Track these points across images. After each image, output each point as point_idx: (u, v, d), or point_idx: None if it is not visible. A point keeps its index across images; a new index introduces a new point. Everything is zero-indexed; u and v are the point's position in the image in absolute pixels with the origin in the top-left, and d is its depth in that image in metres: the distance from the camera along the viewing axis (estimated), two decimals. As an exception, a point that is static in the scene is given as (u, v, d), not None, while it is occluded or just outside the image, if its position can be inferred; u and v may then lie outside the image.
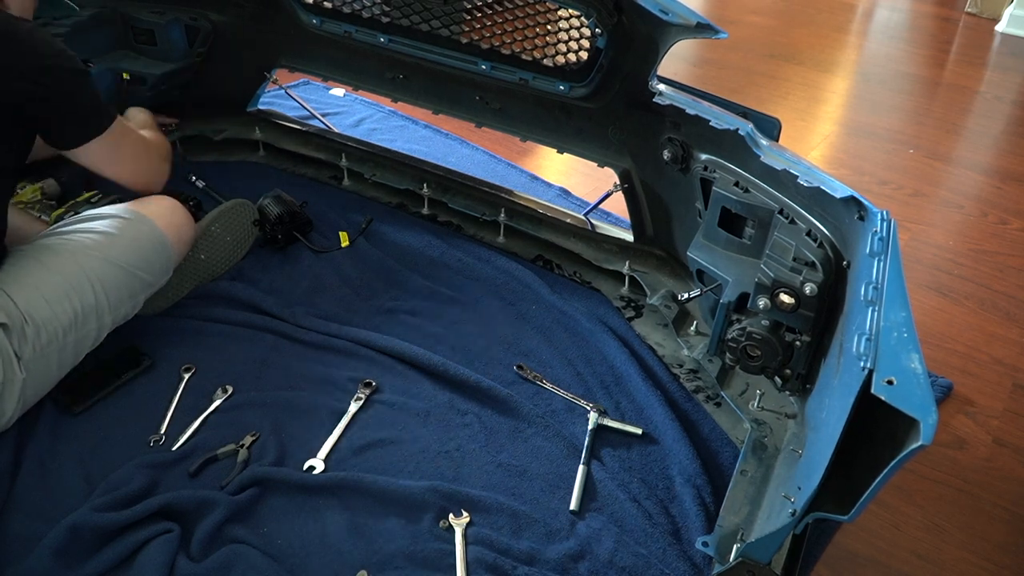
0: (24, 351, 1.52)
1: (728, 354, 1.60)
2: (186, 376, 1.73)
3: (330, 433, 1.63)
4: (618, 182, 2.04)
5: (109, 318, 1.68)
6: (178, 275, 1.91)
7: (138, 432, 1.61)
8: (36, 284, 1.56)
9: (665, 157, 1.81)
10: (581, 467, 1.60)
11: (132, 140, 1.79)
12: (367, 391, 1.73)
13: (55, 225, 1.75)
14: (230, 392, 1.70)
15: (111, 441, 1.58)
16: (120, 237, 1.71)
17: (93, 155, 1.69)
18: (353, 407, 1.69)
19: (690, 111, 1.65)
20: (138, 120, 2.13)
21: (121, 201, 1.83)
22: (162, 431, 1.61)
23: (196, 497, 1.44)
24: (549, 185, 2.65)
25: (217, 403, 1.67)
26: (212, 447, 1.57)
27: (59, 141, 1.66)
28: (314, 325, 1.90)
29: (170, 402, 1.67)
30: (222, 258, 2.03)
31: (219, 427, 1.63)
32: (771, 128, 1.64)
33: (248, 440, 1.59)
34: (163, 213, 1.82)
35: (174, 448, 1.57)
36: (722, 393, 1.76)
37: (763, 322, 1.52)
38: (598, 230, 2.15)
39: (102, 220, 1.73)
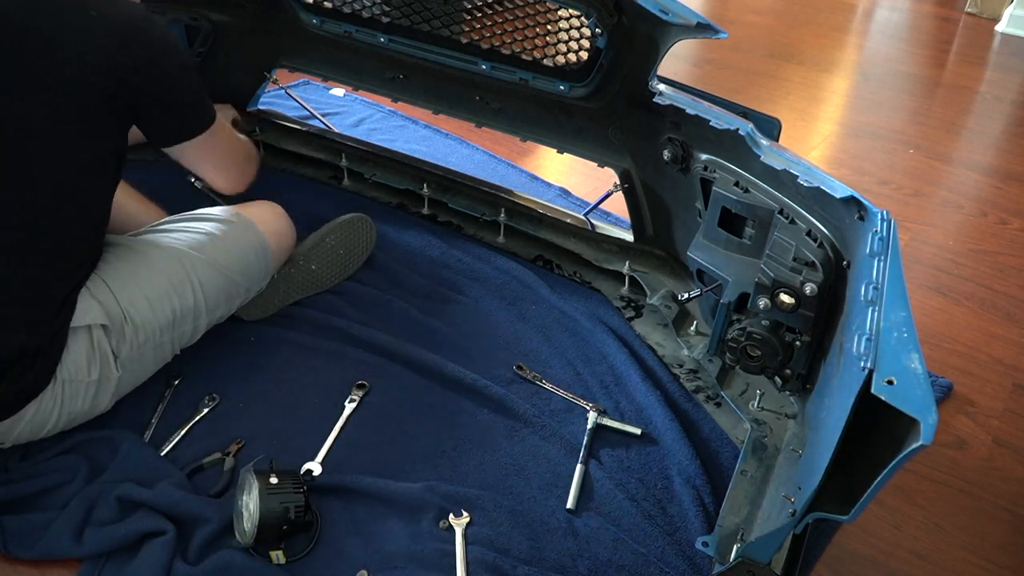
0: (122, 350, 1.54)
1: (728, 354, 1.60)
2: (175, 383, 1.71)
3: (326, 436, 1.62)
4: (618, 182, 2.03)
5: (205, 320, 1.70)
6: (286, 284, 1.91)
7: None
8: (139, 283, 1.57)
9: (665, 157, 1.81)
10: (579, 466, 1.59)
11: (226, 142, 1.76)
12: (361, 392, 1.72)
13: (161, 221, 1.75)
14: (217, 400, 1.68)
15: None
16: (224, 240, 1.71)
17: (185, 153, 1.66)
18: (348, 409, 1.68)
19: (690, 111, 1.65)
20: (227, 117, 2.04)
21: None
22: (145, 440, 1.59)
23: (191, 501, 1.44)
24: (549, 185, 2.65)
25: (204, 412, 1.65)
26: (198, 457, 1.55)
27: (153, 136, 1.61)
28: (308, 325, 1.89)
29: (153, 412, 1.65)
30: (333, 271, 2.01)
31: (207, 436, 1.61)
32: (771, 128, 1.64)
33: (234, 448, 1.57)
34: (267, 219, 1.82)
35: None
36: (722, 393, 1.76)
37: (763, 322, 1.52)
38: (598, 230, 2.15)
39: (208, 222, 1.73)
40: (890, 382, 1.00)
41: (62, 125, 1.41)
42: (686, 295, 1.86)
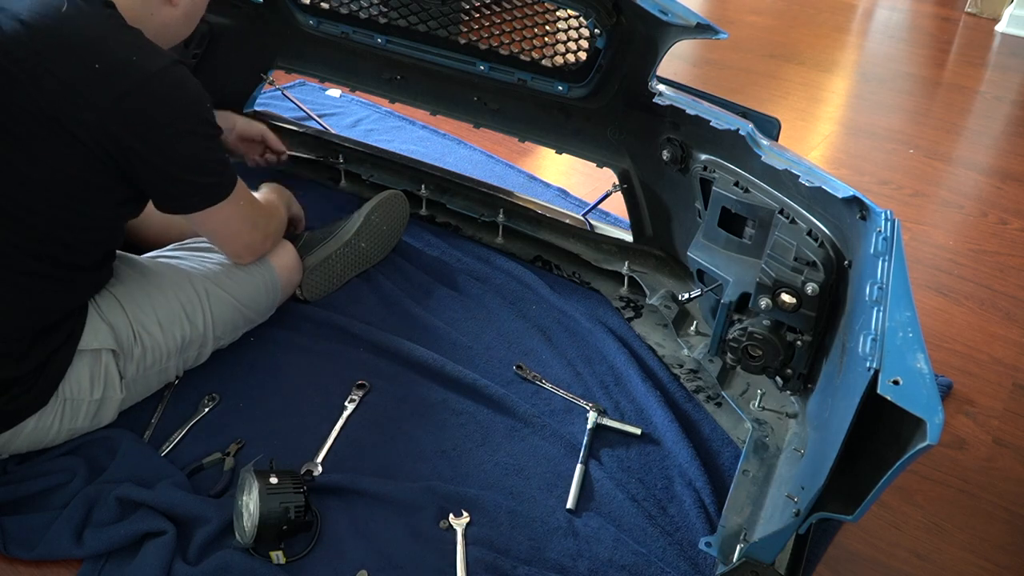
0: (128, 371, 1.54)
1: (729, 354, 1.59)
2: (175, 383, 1.70)
3: (326, 436, 1.62)
4: (617, 182, 2.03)
5: (210, 348, 1.70)
6: (341, 264, 2.00)
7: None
8: (154, 306, 1.56)
9: (664, 157, 1.81)
10: (579, 466, 1.59)
11: (240, 219, 1.62)
12: (361, 392, 1.72)
13: (174, 246, 1.75)
14: (217, 400, 1.67)
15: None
16: (237, 271, 1.71)
17: (191, 218, 1.55)
18: (348, 409, 1.68)
19: (690, 111, 1.64)
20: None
21: None
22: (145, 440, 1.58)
23: (191, 501, 1.44)
24: (548, 185, 2.64)
25: (204, 412, 1.65)
26: (198, 457, 1.55)
27: (153, 199, 1.51)
28: (308, 325, 1.89)
29: (153, 411, 1.65)
30: (379, 247, 2.11)
31: (207, 436, 1.61)
32: (771, 128, 1.64)
33: (233, 448, 1.57)
34: (281, 255, 1.82)
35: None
36: (723, 393, 1.76)
37: (764, 322, 1.52)
38: (597, 230, 2.15)
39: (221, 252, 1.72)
40: (896, 382, 1.00)
41: (62, 176, 1.37)
42: (687, 295, 1.85)
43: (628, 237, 2.10)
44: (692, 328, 1.94)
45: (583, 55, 1.87)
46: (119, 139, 1.35)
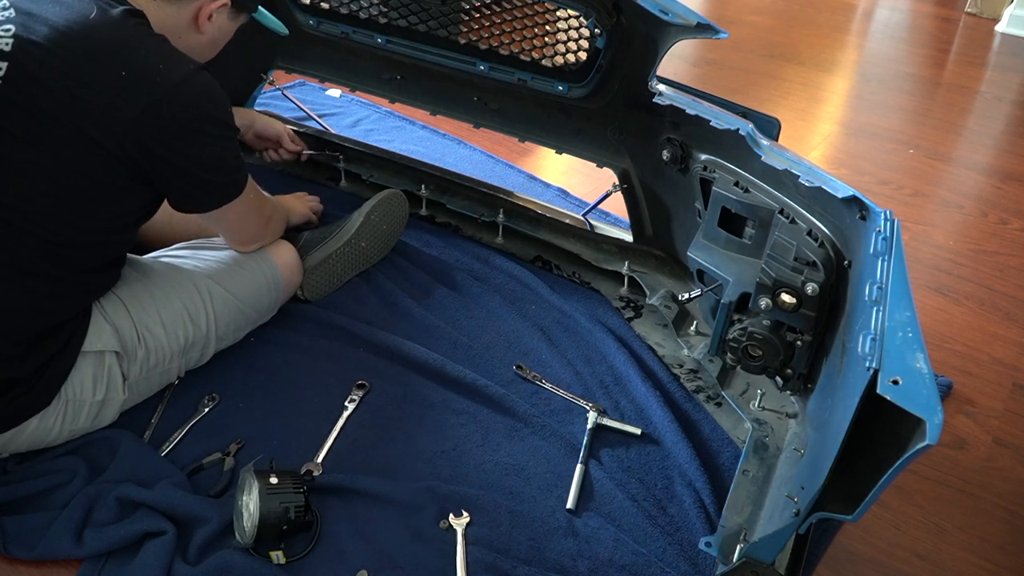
0: (131, 372, 1.54)
1: (729, 354, 1.59)
2: (175, 383, 1.70)
3: (325, 436, 1.61)
4: (617, 182, 2.03)
5: (212, 348, 1.70)
6: (342, 263, 2.00)
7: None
8: (158, 307, 1.57)
9: (664, 157, 1.81)
10: (579, 466, 1.59)
11: (250, 210, 1.67)
12: (361, 392, 1.72)
13: (178, 246, 1.76)
14: (217, 400, 1.67)
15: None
16: (241, 271, 1.72)
17: (206, 216, 1.60)
18: (348, 409, 1.68)
19: (690, 111, 1.64)
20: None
21: None
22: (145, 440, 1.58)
23: (191, 501, 1.44)
24: (548, 185, 2.64)
25: (204, 412, 1.65)
26: (198, 457, 1.55)
27: (170, 200, 1.53)
28: (308, 325, 1.89)
29: (154, 412, 1.64)
30: (379, 246, 2.11)
31: (207, 436, 1.61)
32: (771, 128, 1.64)
33: (234, 448, 1.57)
34: (283, 253, 1.83)
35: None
36: (723, 393, 1.76)
37: (764, 322, 1.52)
38: (597, 230, 2.15)
39: (225, 251, 1.74)
40: (895, 382, 1.00)
41: (84, 180, 1.38)
42: (687, 295, 1.85)
43: (628, 237, 2.10)
44: (692, 328, 1.94)
45: (583, 55, 1.87)
46: (146, 147, 1.38)
